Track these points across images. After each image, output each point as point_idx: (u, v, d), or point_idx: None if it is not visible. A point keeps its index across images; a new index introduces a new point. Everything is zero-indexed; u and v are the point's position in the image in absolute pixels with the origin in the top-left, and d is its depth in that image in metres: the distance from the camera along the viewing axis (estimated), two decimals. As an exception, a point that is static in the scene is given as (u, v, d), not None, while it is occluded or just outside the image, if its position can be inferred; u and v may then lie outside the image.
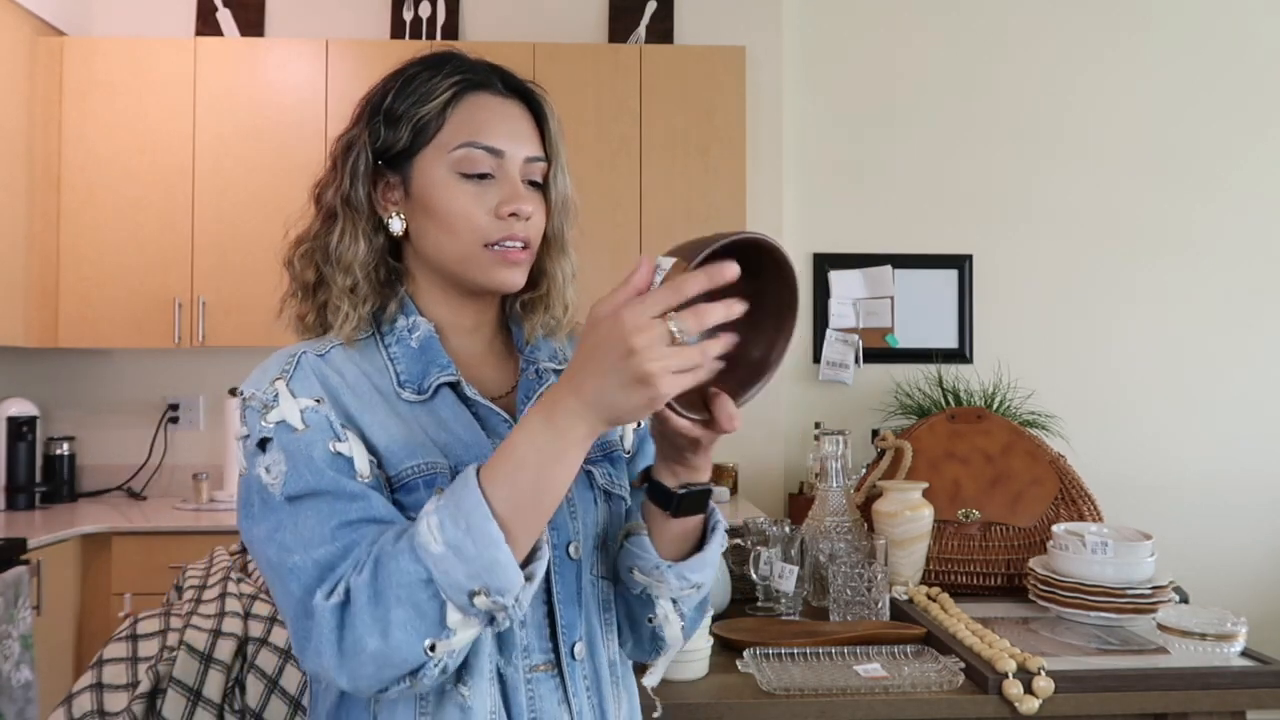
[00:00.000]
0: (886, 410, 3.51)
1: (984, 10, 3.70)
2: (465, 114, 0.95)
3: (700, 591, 0.99)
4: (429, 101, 0.95)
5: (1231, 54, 3.72)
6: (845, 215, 3.66)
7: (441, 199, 0.94)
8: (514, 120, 0.97)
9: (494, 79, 0.98)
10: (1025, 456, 1.91)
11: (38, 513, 3.05)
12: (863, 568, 1.61)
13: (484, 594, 0.77)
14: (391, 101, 0.96)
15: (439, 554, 0.76)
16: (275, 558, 0.84)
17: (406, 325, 0.97)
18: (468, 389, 0.96)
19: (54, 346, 3.16)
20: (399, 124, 0.95)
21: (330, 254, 0.95)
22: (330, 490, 0.85)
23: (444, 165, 0.94)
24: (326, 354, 0.95)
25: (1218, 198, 3.69)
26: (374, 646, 0.78)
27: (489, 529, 0.76)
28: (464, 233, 0.93)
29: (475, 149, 0.94)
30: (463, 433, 0.94)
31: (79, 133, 3.16)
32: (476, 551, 0.76)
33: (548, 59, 3.26)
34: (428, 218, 0.95)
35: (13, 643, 2.30)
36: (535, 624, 0.93)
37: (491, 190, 0.94)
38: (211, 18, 3.45)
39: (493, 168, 0.94)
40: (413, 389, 0.94)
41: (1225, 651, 1.42)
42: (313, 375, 0.92)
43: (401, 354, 0.96)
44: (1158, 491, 3.61)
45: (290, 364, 0.93)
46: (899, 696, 1.31)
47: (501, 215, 0.93)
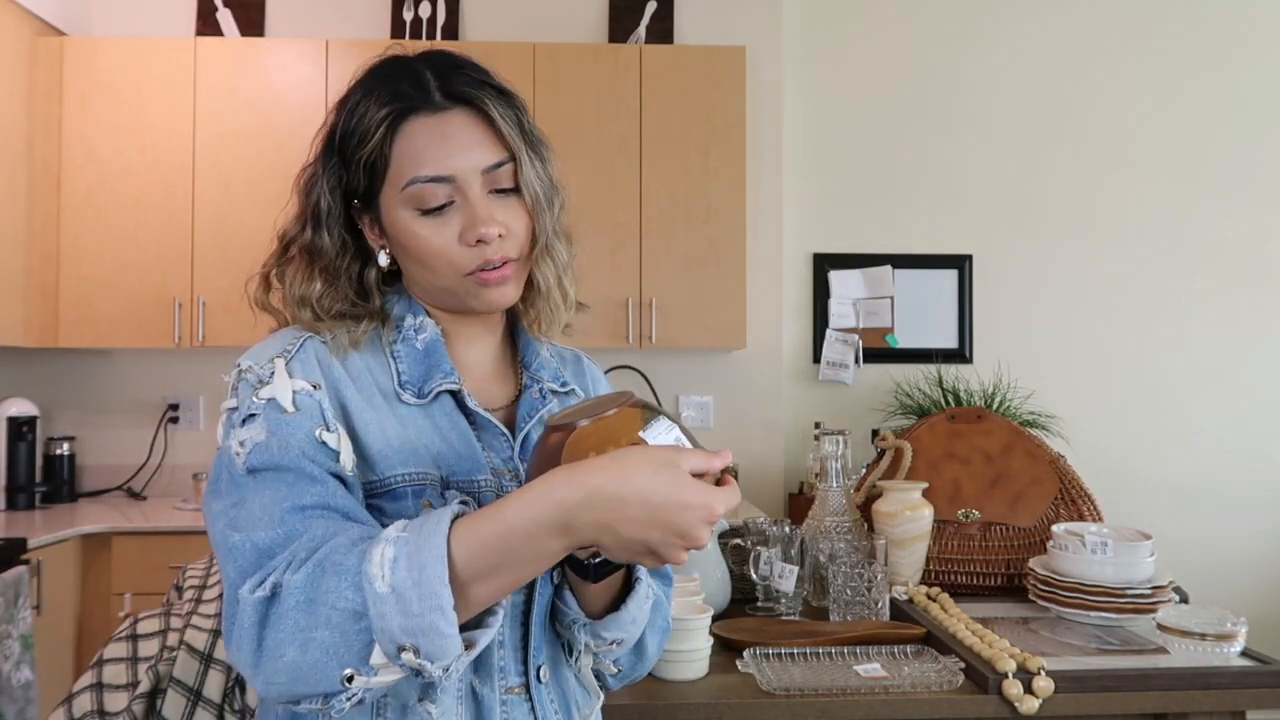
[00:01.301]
0: (886, 410, 3.51)
1: (984, 10, 3.69)
2: (404, 145, 0.90)
3: (623, 648, 0.96)
4: (368, 141, 0.90)
5: (1234, 55, 3.71)
6: (845, 215, 3.66)
7: (409, 240, 0.91)
8: (459, 134, 0.90)
9: (427, 95, 0.90)
10: (1025, 456, 1.91)
11: (38, 513, 3.05)
12: (863, 568, 1.61)
13: (413, 653, 0.71)
14: (340, 139, 0.93)
15: (381, 594, 0.70)
16: (220, 535, 0.79)
17: (414, 325, 0.95)
18: (469, 399, 0.94)
19: (54, 346, 3.16)
20: (351, 167, 0.92)
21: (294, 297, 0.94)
22: (291, 468, 0.81)
23: (401, 204, 0.90)
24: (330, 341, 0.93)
25: (1218, 197, 3.69)
26: (290, 657, 0.72)
27: (439, 590, 0.70)
28: (440, 268, 0.91)
29: (421, 184, 0.89)
30: (457, 443, 0.92)
31: (79, 133, 3.16)
32: (419, 609, 0.70)
33: (548, 59, 3.26)
34: (404, 255, 0.93)
35: (13, 643, 2.30)
36: (513, 645, 0.91)
37: (455, 218, 0.90)
38: (211, 18, 3.45)
39: (449, 194, 0.89)
40: (413, 391, 0.92)
41: (1225, 651, 1.42)
42: (314, 360, 0.89)
43: (406, 354, 0.94)
44: (1158, 491, 3.61)
45: (294, 345, 0.90)
46: (899, 696, 1.31)
47: (469, 243, 0.90)
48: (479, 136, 0.91)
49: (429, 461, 0.89)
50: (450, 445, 0.91)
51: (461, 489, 0.89)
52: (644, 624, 0.97)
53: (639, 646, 1.01)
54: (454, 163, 0.89)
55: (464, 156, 0.89)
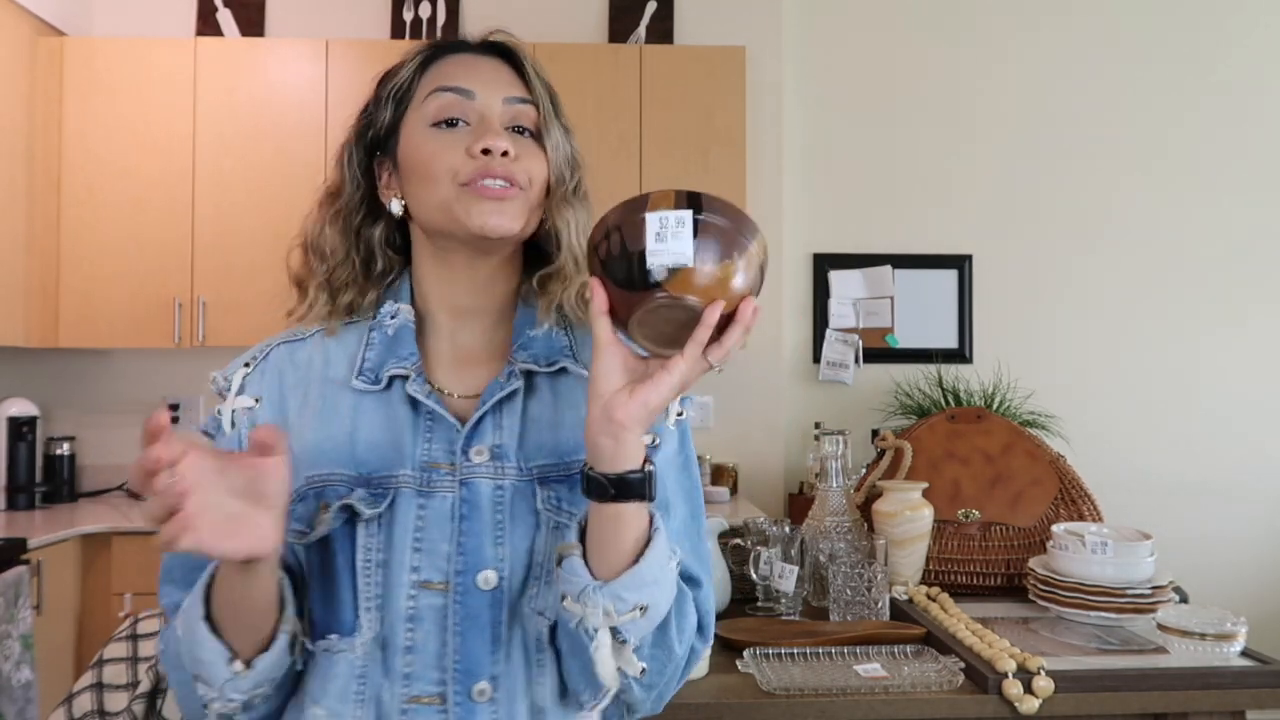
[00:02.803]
0: (886, 410, 3.51)
1: (984, 10, 3.70)
2: (435, 70, 0.94)
3: (648, 616, 0.83)
4: (399, 74, 0.95)
5: (1233, 55, 3.72)
6: (845, 215, 3.66)
7: (419, 153, 0.91)
8: (488, 69, 0.95)
9: (464, 43, 0.97)
10: (1025, 456, 1.91)
11: (38, 513, 3.05)
12: (863, 568, 1.61)
13: (200, 681, 0.83)
14: (375, 91, 0.97)
15: (180, 635, 0.84)
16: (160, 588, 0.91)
17: (390, 312, 0.95)
18: (411, 385, 0.90)
19: (54, 346, 3.16)
20: (381, 104, 0.95)
21: (309, 242, 0.97)
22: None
23: (420, 122, 0.92)
24: (306, 339, 0.96)
25: (1218, 198, 3.69)
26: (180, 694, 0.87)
27: (198, 628, 0.82)
28: (440, 178, 0.89)
29: (444, 92, 0.92)
30: (388, 434, 0.89)
31: (79, 133, 3.16)
32: (190, 645, 0.82)
33: (548, 59, 3.25)
34: (412, 178, 0.92)
35: (13, 643, 2.30)
36: (428, 654, 0.86)
37: (465, 135, 0.91)
38: (211, 18, 3.45)
39: (465, 112, 0.91)
40: (369, 378, 0.91)
41: (1225, 651, 1.42)
42: (273, 370, 0.94)
43: (378, 340, 0.94)
44: (1157, 491, 3.61)
45: (260, 353, 0.95)
46: (899, 696, 1.31)
47: (474, 153, 0.89)
48: (508, 76, 0.95)
49: (343, 459, 0.88)
50: (380, 437, 0.89)
51: (376, 484, 0.87)
52: (669, 594, 0.85)
53: (663, 635, 0.87)
54: (478, 84, 0.92)
55: (489, 83, 0.93)
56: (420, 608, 0.86)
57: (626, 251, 0.78)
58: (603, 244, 0.79)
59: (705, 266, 0.77)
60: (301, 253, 0.97)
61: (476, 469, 0.89)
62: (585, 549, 0.83)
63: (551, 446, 0.91)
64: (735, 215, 0.79)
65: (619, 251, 0.78)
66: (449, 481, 0.88)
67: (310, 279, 0.96)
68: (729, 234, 0.78)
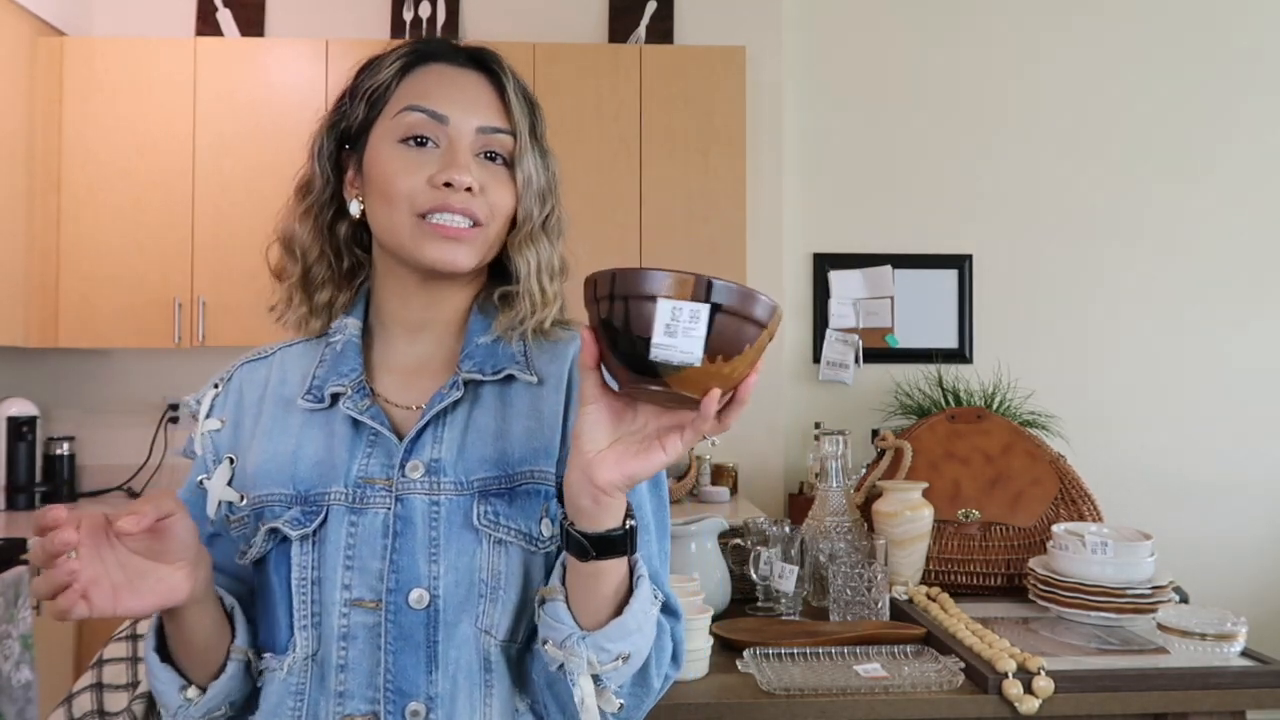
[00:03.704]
0: (886, 410, 3.51)
1: (984, 11, 3.69)
2: (413, 81, 0.91)
3: (630, 663, 0.83)
4: (378, 73, 0.92)
5: (1234, 51, 3.72)
6: (845, 215, 3.66)
7: (381, 167, 0.89)
8: (467, 89, 0.91)
9: (449, 52, 0.93)
10: (1025, 456, 1.91)
11: (38, 513, 3.05)
12: (863, 568, 1.61)
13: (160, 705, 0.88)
14: (354, 82, 0.95)
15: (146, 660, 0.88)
16: None
17: (340, 326, 0.94)
18: (346, 401, 0.89)
19: (54, 346, 3.16)
20: (355, 100, 0.93)
21: (283, 239, 0.96)
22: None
23: (389, 133, 0.89)
24: (268, 358, 0.97)
25: (1220, 197, 3.69)
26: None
27: (151, 659, 0.87)
28: (398, 202, 0.87)
29: (415, 112, 0.88)
30: (324, 451, 0.89)
31: (79, 133, 3.16)
32: (150, 674, 0.88)
33: (548, 59, 3.26)
34: (372, 191, 0.90)
35: (13, 643, 2.30)
36: (362, 672, 0.85)
37: (433, 159, 0.88)
38: (211, 18, 3.45)
39: (435, 134, 0.88)
40: (315, 396, 0.91)
41: (1225, 651, 1.42)
42: (236, 390, 0.96)
43: (328, 357, 0.93)
44: (1158, 491, 3.61)
45: (227, 374, 0.97)
46: (899, 696, 1.31)
47: (436, 184, 0.87)
48: (487, 99, 0.91)
49: (282, 479, 0.89)
50: (319, 454, 0.89)
51: (310, 502, 0.87)
52: (650, 638, 0.85)
53: (644, 675, 0.87)
54: (454, 108, 0.89)
55: (465, 108, 0.90)
56: (353, 625, 0.85)
57: (630, 330, 0.71)
58: (605, 304, 0.73)
59: (713, 364, 0.71)
60: (280, 249, 0.97)
61: (412, 484, 0.86)
62: (567, 593, 0.82)
63: (495, 458, 0.89)
64: (749, 303, 0.71)
65: (621, 325, 0.71)
66: (383, 497, 0.86)
67: (286, 277, 0.96)
68: (741, 327, 0.71)
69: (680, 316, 0.69)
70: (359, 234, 0.96)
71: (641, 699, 0.89)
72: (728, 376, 0.72)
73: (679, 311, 0.69)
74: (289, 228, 0.95)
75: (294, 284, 0.95)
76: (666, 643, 0.91)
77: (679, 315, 0.69)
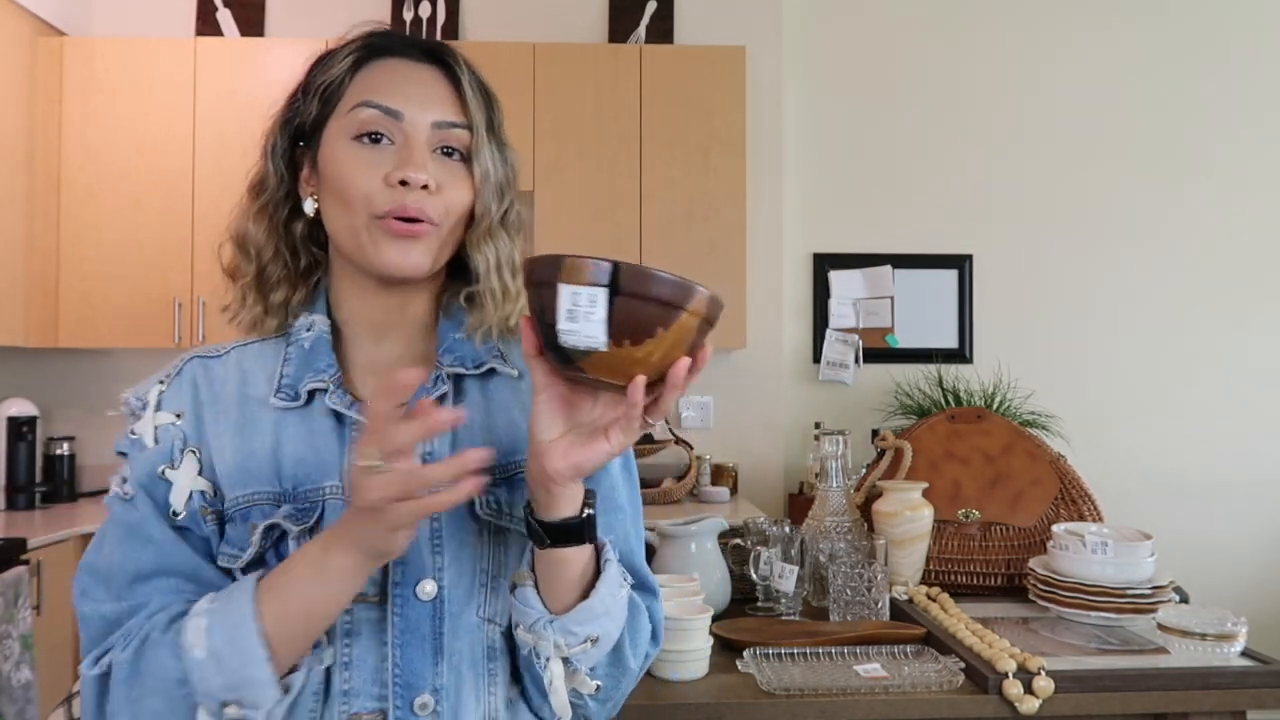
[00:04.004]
0: (886, 410, 3.51)
1: (984, 11, 3.70)
2: (367, 76, 0.89)
3: (599, 646, 0.85)
4: (331, 69, 0.90)
5: (1234, 52, 3.72)
6: (845, 215, 3.66)
7: (336, 167, 0.87)
8: (422, 84, 0.88)
9: (407, 45, 0.91)
10: (1025, 456, 1.91)
11: (38, 513, 3.05)
12: (863, 568, 1.61)
13: (236, 705, 0.76)
14: (306, 77, 0.93)
15: (199, 659, 0.76)
16: (77, 592, 0.84)
17: (305, 324, 0.91)
18: (330, 398, 0.87)
19: (54, 346, 3.16)
20: (309, 95, 0.91)
21: (236, 238, 0.93)
22: (135, 529, 0.83)
23: (342, 131, 0.87)
24: (221, 356, 0.93)
25: (1219, 197, 3.69)
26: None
27: (252, 646, 0.76)
28: (353, 202, 0.85)
29: (368, 108, 0.86)
30: (321, 448, 0.86)
31: (79, 133, 3.16)
32: (236, 665, 0.75)
33: (548, 59, 3.26)
34: (327, 190, 0.88)
35: (13, 643, 2.30)
36: (367, 668, 0.84)
37: (387, 156, 0.86)
38: (211, 18, 3.45)
39: (390, 130, 0.86)
40: (288, 395, 0.88)
41: (1225, 651, 1.42)
42: (189, 385, 0.90)
43: (294, 355, 0.90)
44: (1158, 491, 3.61)
45: (173, 370, 0.92)
46: (899, 696, 1.31)
47: (391, 183, 0.84)
48: (442, 93, 0.89)
49: (267, 477, 0.85)
50: (305, 451, 0.86)
51: (303, 499, 0.84)
52: (620, 621, 0.87)
53: (618, 655, 0.89)
54: (408, 104, 0.87)
55: (420, 103, 0.87)
56: (356, 622, 0.84)
57: (544, 317, 0.73)
58: (532, 292, 0.74)
59: (622, 349, 0.70)
60: (233, 248, 0.94)
61: None
62: (536, 578, 0.84)
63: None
64: (649, 284, 0.70)
65: (537, 312, 0.73)
66: None
67: (240, 276, 0.93)
68: (651, 310, 0.70)
69: (580, 301, 0.70)
70: (314, 232, 0.93)
71: (619, 679, 0.90)
72: (644, 361, 0.72)
73: (578, 296, 0.70)
74: (242, 227, 0.92)
75: (248, 283, 0.92)
76: (644, 622, 0.93)
77: (578, 300, 0.70)
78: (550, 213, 3.19)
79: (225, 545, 0.85)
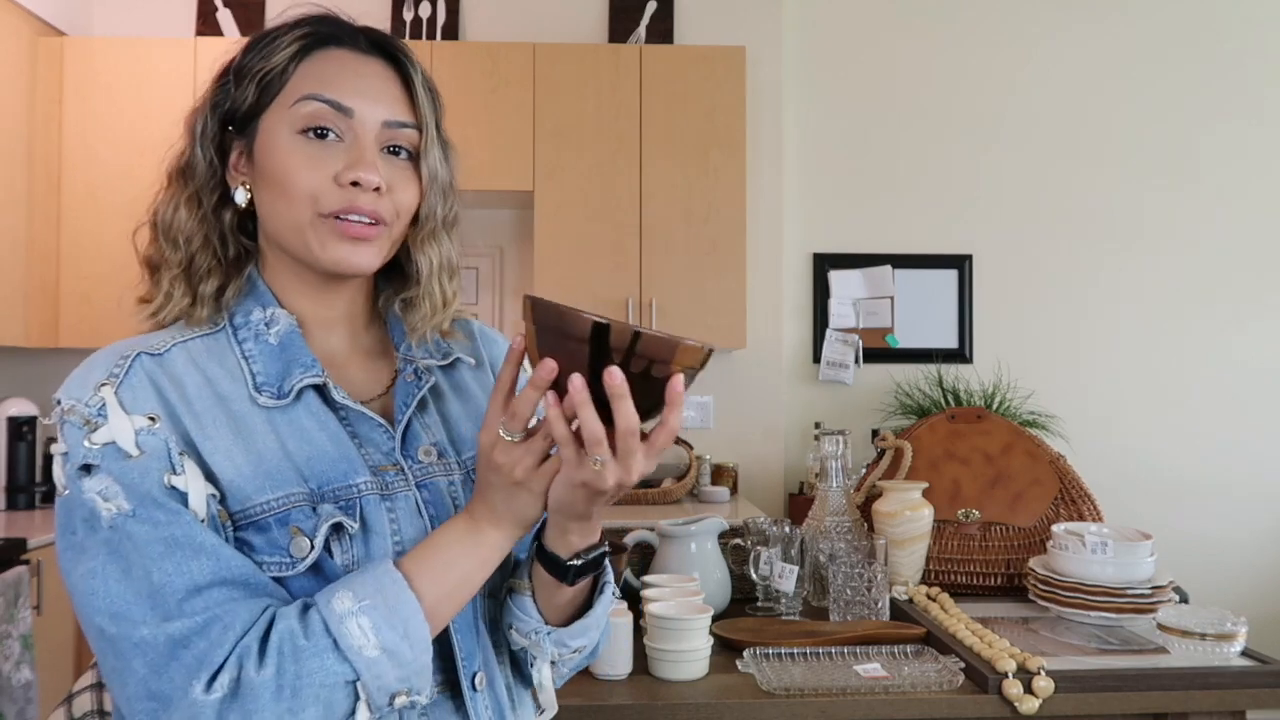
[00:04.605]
0: (886, 410, 3.51)
1: (984, 11, 3.70)
2: (312, 67, 0.85)
3: (583, 655, 0.94)
4: (271, 57, 0.84)
5: (1233, 51, 3.72)
6: (845, 215, 3.66)
7: (277, 161, 0.83)
8: (372, 79, 0.85)
9: (354, 35, 0.87)
10: (1025, 456, 1.91)
11: (38, 513, 3.05)
12: (863, 568, 1.61)
13: (405, 694, 0.76)
14: (241, 60, 0.86)
15: (373, 658, 0.74)
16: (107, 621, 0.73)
17: (264, 318, 0.86)
18: (336, 392, 0.85)
19: (54, 346, 3.16)
20: (244, 81, 0.85)
21: (161, 226, 0.87)
22: (181, 540, 0.75)
23: (284, 123, 0.83)
24: (164, 354, 0.82)
25: (1218, 196, 3.70)
26: None
27: (425, 634, 0.76)
28: (298, 199, 0.82)
29: (317, 102, 0.83)
30: (328, 444, 0.83)
31: (79, 133, 3.16)
32: (413, 656, 0.76)
33: (548, 59, 3.26)
34: (266, 183, 0.84)
35: (13, 643, 2.30)
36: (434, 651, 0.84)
37: (336, 153, 0.83)
38: (211, 18, 3.45)
39: (339, 127, 0.83)
40: (271, 393, 0.83)
41: (1225, 651, 1.42)
42: (148, 384, 0.79)
43: (259, 352, 0.84)
44: (1158, 491, 3.61)
45: (120, 367, 0.80)
46: (899, 696, 1.31)
47: (342, 183, 0.82)
48: (393, 92, 0.87)
49: (292, 478, 0.81)
50: (319, 449, 0.82)
51: (337, 497, 0.82)
52: (602, 629, 0.96)
53: (591, 655, 0.99)
54: (359, 100, 0.84)
55: (371, 99, 0.85)
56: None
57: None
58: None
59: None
60: (151, 233, 0.88)
61: (430, 469, 0.89)
62: (534, 589, 0.90)
63: (473, 436, 0.94)
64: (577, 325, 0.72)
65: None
66: (402, 483, 0.86)
67: (165, 267, 0.86)
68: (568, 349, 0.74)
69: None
70: (242, 221, 0.90)
71: (575, 667, 0.99)
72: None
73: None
74: (167, 214, 0.87)
75: (176, 275, 0.85)
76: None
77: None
78: (550, 213, 3.19)
79: (256, 553, 0.79)
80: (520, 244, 3.54)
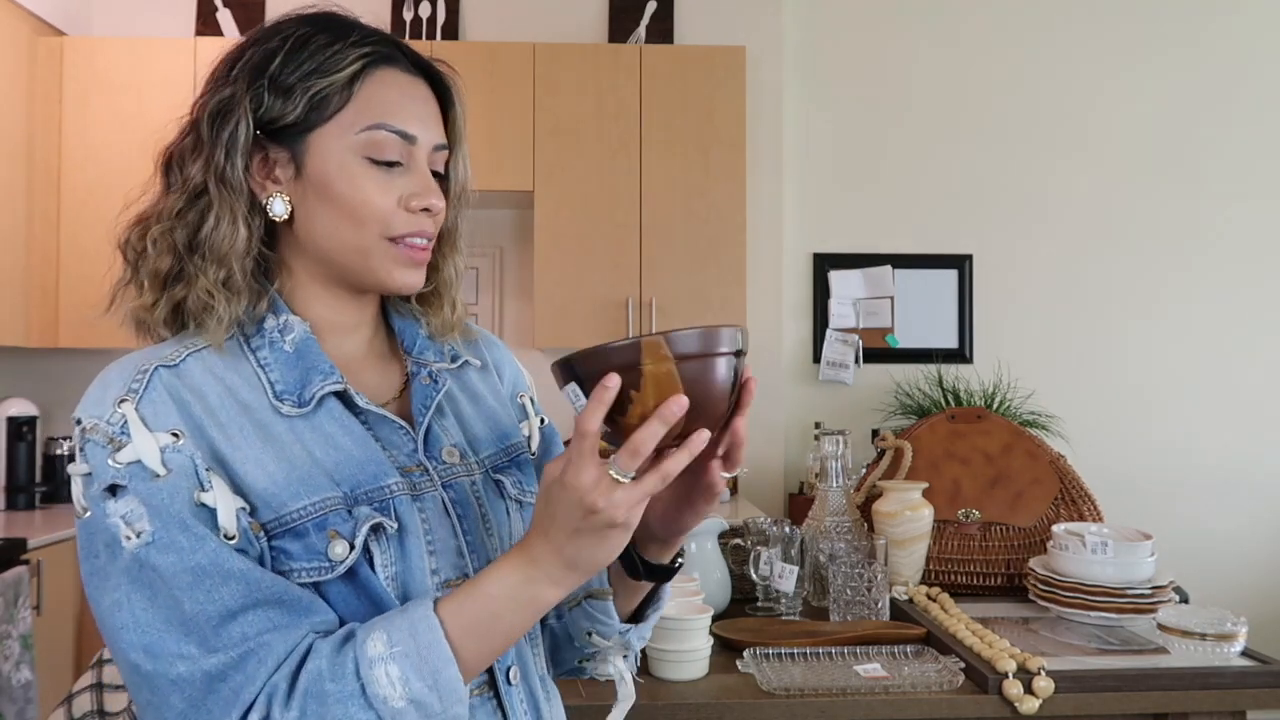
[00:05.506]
0: (886, 410, 3.51)
1: (983, 10, 3.70)
2: (374, 91, 0.85)
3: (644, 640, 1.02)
4: (332, 73, 0.83)
5: (1232, 51, 3.72)
6: (845, 215, 3.66)
7: (344, 185, 0.83)
8: (423, 103, 0.88)
9: (403, 54, 0.88)
10: (1025, 456, 1.91)
11: (38, 513, 3.05)
12: (863, 568, 1.61)
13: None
14: (280, 66, 0.83)
15: (399, 709, 0.72)
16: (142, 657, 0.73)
17: (277, 326, 0.85)
18: (358, 398, 0.85)
19: (54, 346, 3.16)
20: (291, 94, 0.83)
21: (200, 241, 0.83)
22: (208, 568, 0.73)
23: (348, 147, 0.83)
24: (180, 365, 0.81)
25: (1217, 195, 3.70)
26: None
27: (458, 686, 0.73)
28: (368, 223, 0.84)
29: (387, 132, 0.84)
30: (354, 449, 0.83)
31: (79, 133, 3.16)
32: (442, 708, 0.73)
33: (548, 59, 3.26)
34: (324, 203, 0.84)
35: (13, 643, 2.30)
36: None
37: (400, 179, 0.85)
38: (211, 18, 3.45)
39: (403, 155, 0.85)
40: (293, 401, 0.82)
41: (1225, 651, 1.42)
42: (168, 398, 0.78)
43: (275, 360, 0.84)
44: (1158, 491, 3.61)
45: (139, 381, 0.78)
46: (899, 696, 1.31)
47: (412, 209, 0.85)
48: (435, 113, 0.90)
49: (325, 483, 0.80)
50: (346, 453, 0.83)
51: (370, 499, 0.82)
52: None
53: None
54: (419, 127, 0.86)
55: (425, 125, 0.87)
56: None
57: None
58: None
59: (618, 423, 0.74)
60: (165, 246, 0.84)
61: (454, 469, 0.90)
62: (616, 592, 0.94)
63: (487, 436, 0.95)
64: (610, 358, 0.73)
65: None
66: (428, 484, 0.87)
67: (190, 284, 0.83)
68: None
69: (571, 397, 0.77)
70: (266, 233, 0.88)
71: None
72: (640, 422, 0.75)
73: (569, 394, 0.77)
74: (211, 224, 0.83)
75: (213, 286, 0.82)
76: None
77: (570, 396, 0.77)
78: (550, 213, 3.19)
79: (294, 560, 0.78)
80: (520, 244, 3.54)
